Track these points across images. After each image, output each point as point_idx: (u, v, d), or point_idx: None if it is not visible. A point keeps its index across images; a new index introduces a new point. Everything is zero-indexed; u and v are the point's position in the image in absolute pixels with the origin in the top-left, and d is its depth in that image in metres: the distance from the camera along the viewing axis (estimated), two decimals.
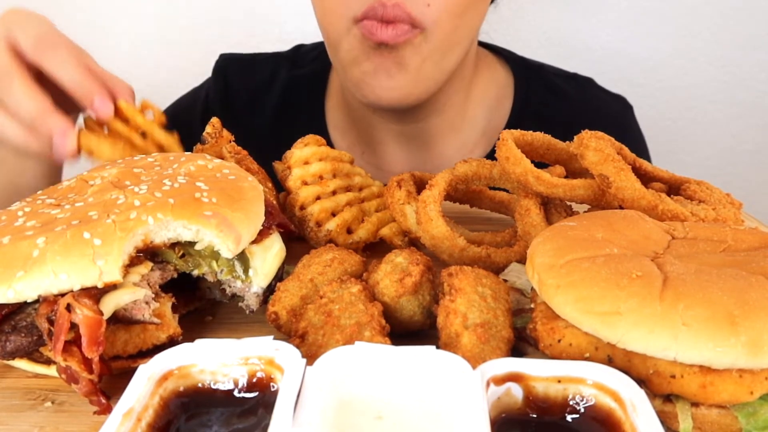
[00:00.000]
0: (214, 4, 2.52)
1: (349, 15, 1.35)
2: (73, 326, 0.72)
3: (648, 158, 1.80)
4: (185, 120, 1.76)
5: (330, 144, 1.55)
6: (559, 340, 0.74)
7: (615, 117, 1.78)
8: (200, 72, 1.92)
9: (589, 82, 1.87)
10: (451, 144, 1.69)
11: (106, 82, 1.09)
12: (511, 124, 1.70)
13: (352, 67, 1.43)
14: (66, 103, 1.07)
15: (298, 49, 1.93)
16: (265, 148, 1.26)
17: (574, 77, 1.85)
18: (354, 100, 1.69)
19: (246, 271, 0.90)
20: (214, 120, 1.20)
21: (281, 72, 1.85)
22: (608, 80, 1.91)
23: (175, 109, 1.89)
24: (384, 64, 1.38)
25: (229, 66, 1.88)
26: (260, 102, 1.82)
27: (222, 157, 1.14)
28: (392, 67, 1.38)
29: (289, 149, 1.22)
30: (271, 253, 0.93)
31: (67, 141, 1.04)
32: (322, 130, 1.74)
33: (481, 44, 1.78)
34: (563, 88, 1.77)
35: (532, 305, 0.83)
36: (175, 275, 0.87)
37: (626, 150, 1.08)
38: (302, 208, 1.14)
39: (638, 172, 1.05)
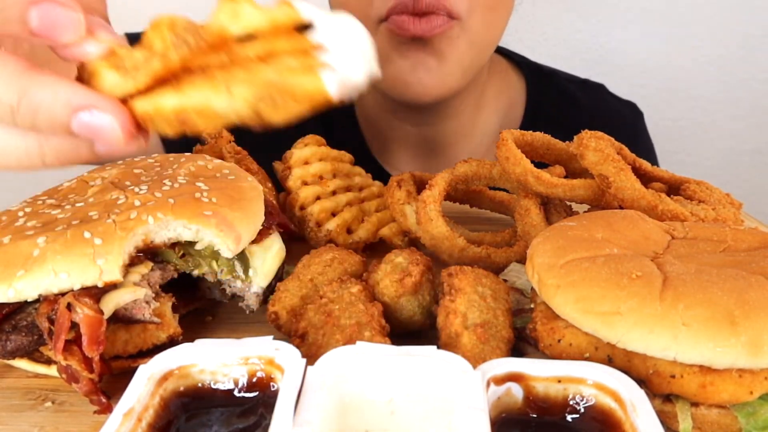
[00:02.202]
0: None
1: (374, 15, 1.31)
2: (74, 325, 0.73)
3: (656, 164, 1.80)
4: None
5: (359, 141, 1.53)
6: (559, 340, 0.74)
7: (626, 124, 1.77)
8: None
9: (600, 88, 1.86)
10: (462, 149, 1.67)
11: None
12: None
13: (385, 66, 1.35)
14: None
15: None
16: (279, 144, 1.24)
17: (586, 83, 1.84)
18: (370, 98, 1.65)
19: (246, 271, 0.90)
20: None
21: None
22: (608, 80, 1.91)
23: None
24: (420, 58, 1.33)
25: None
26: None
27: (222, 157, 1.14)
28: (430, 61, 1.33)
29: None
30: (271, 253, 0.93)
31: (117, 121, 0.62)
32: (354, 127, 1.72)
33: None
34: (575, 95, 1.76)
35: (532, 305, 0.83)
36: (175, 275, 0.87)
37: (626, 150, 1.09)
38: (302, 208, 1.14)
39: (638, 172, 1.05)
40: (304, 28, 0.60)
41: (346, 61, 0.58)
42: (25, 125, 0.62)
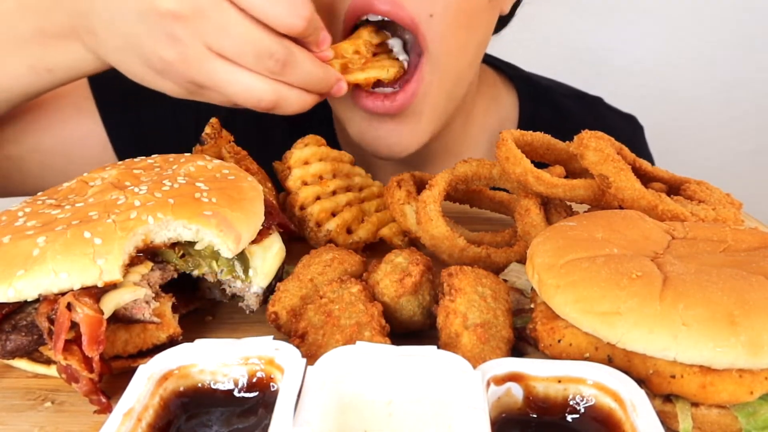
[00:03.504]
0: None
1: (339, 19, 1.25)
2: (74, 325, 0.73)
3: None
4: None
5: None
6: (559, 340, 0.74)
7: (624, 139, 1.76)
8: None
9: (598, 101, 1.81)
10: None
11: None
12: None
13: (350, 124, 1.34)
14: None
15: None
16: (272, 146, 1.24)
17: (584, 97, 1.79)
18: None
19: (246, 271, 0.90)
20: (213, 120, 1.20)
21: None
22: (608, 81, 1.91)
23: None
24: (395, 129, 1.29)
25: None
26: None
27: (221, 158, 1.14)
28: (404, 127, 1.30)
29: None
30: (271, 253, 0.93)
31: (343, 83, 1.10)
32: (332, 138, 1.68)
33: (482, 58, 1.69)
34: (571, 111, 1.70)
35: (532, 305, 0.83)
36: (175, 275, 0.87)
37: (626, 150, 1.09)
38: (302, 208, 1.14)
39: (638, 172, 1.05)
40: None
41: None
42: (280, 75, 1.00)
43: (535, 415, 0.66)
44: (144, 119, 1.60)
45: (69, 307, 0.73)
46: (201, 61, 0.98)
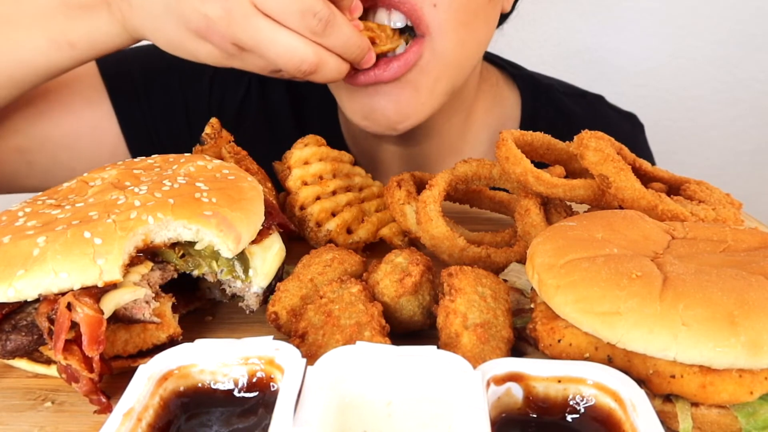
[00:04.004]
0: None
1: None
2: (74, 325, 0.73)
3: None
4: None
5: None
6: (559, 340, 0.74)
7: (625, 138, 1.76)
8: None
9: (599, 100, 1.81)
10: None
11: None
12: None
13: (350, 102, 1.32)
14: None
15: None
16: (279, 144, 1.23)
17: (584, 95, 1.79)
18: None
19: (246, 271, 0.90)
20: (213, 121, 1.20)
21: None
22: (608, 81, 1.91)
23: None
24: (395, 92, 1.27)
25: None
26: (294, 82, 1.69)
27: (221, 158, 1.14)
28: (404, 94, 1.28)
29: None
30: (271, 253, 0.93)
31: (372, 54, 1.13)
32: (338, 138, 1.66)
33: (485, 56, 1.67)
34: (573, 111, 1.70)
35: (532, 305, 0.83)
36: (176, 275, 0.87)
37: (626, 150, 1.09)
38: (302, 208, 1.14)
39: (638, 172, 1.05)
40: None
41: None
42: (321, 37, 1.02)
43: (535, 415, 0.66)
44: (155, 108, 1.58)
45: (69, 307, 0.73)
46: (246, 18, 0.98)
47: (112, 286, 0.77)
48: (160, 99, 1.60)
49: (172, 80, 1.61)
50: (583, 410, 0.65)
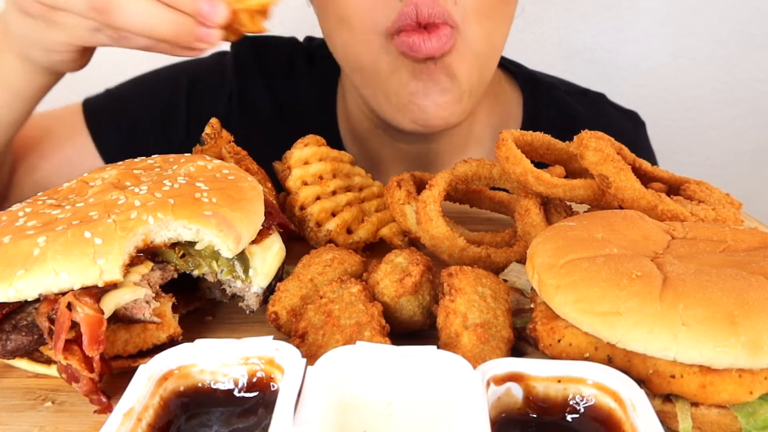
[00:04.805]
0: None
1: (379, 28, 1.26)
2: (74, 325, 0.73)
3: None
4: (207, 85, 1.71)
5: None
6: (559, 340, 0.74)
7: (626, 135, 1.76)
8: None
9: (600, 98, 1.82)
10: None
11: None
12: None
13: (399, 89, 1.32)
14: None
15: (311, 40, 1.79)
16: (271, 147, 1.24)
17: (586, 93, 1.80)
18: (360, 116, 1.61)
19: (246, 271, 0.90)
20: (213, 121, 1.20)
21: (298, 61, 1.73)
22: (608, 81, 1.91)
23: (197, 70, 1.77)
24: (435, 78, 1.29)
25: (243, 44, 1.73)
26: (275, 86, 1.71)
27: (221, 158, 1.15)
28: (443, 80, 1.29)
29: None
30: (271, 253, 0.93)
31: (216, 6, 0.96)
32: (335, 139, 1.68)
33: None
34: (575, 109, 1.71)
35: (532, 305, 0.83)
36: (176, 275, 0.87)
37: (626, 150, 1.09)
38: (302, 208, 1.14)
39: (638, 172, 1.05)
40: None
41: None
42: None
43: (535, 415, 0.66)
44: (135, 134, 1.66)
45: (69, 306, 0.73)
46: None
47: (113, 286, 0.77)
48: (137, 125, 1.66)
49: (148, 104, 1.69)
50: (583, 410, 0.65)
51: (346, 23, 1.31)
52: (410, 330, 0.89)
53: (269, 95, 1.71)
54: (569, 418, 0.65)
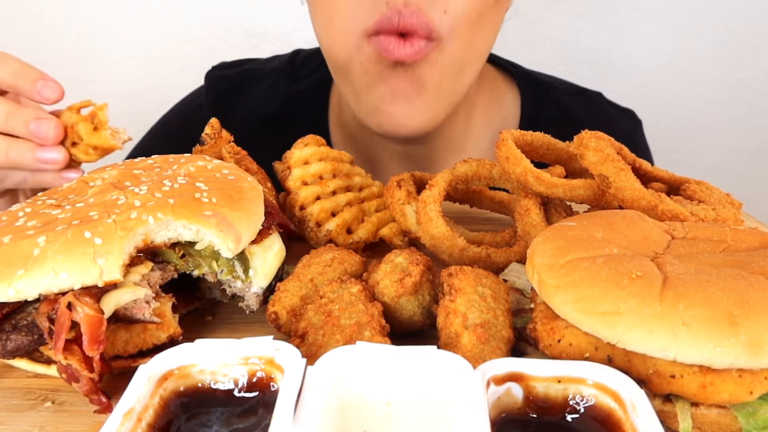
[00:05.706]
0: (213, 3, 2.52)
1: (359, 28, 1.26)
2: (74, 325, 0.73)
3: None
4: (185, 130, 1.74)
5: None
6: (559, 340, 0.74)
7: (624, 134, 1.76)
8: (199, 72, 1.92)
9: (598, 97, 1.82)
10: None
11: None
12: None
13: (368, 92, 1.33)
14: None
15: (297, 55, 1.81)
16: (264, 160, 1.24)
17: (584, 93, 1.81)
18: (350, 117, 1.61)
19: (246, 271, 0.90)
20: (213, 121, 1.20)
21: (279, 87, 1.75)
22: (608, 81, 1.91)
23: (172, 119, 1.83)
24: (402, 86, 1.30)
25: (220, 86, 1.78)
26: (255, 121, 1.72)
27: (221, 158, 1.14)
28: (410, 90, 1.30)
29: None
30: (271, 253, 0.93)
31: (44, 123, 0.98)
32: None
33: None
34: (573, 109, 1.72)
35: (532, 305, 0.83)
36: (176, 275, 0.87)
37: (626, 150, 1.09)
38: (302, 208, 1.14)
39: (638, 172, 1.05)
40: None
41: None
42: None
43: (535, 415, 0.66)
44: None
45: (69, 306, 0.73)
46: None
47: (113, 286, 0.77)
48: None
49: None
50: (583, 410, 0.65)
51: (330, 20, 1.32)
52: (410, 330, 0.89)
53: (253, 119, 1.73)
54: (569, 418, 0.65)
